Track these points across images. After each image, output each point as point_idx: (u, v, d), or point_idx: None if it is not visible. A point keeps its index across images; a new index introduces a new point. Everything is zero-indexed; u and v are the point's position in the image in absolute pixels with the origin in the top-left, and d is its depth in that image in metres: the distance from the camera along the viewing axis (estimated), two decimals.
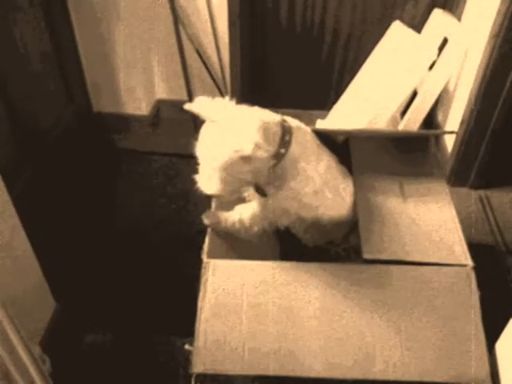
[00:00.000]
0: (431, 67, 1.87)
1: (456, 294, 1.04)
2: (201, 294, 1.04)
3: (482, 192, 1.92)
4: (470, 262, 1.07)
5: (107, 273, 1.61)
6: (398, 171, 1.27)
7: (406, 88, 1.90)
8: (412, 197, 1.22)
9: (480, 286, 1.04)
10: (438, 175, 1.27)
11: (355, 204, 1.20)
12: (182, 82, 2.13)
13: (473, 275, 1.05)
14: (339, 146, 1.33)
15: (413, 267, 1.06)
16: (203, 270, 1.06)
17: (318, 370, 0.95)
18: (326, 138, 1.24)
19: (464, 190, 1.92)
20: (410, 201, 1.21)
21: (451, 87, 2.01)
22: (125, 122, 2.18)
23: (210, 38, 2.02)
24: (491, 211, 1.84)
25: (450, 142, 1.98)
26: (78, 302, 1.50)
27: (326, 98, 2.20)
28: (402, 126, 1.99)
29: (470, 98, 1.78)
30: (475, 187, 1.93)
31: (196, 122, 2.12)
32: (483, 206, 1.86)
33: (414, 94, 1.97)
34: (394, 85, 1.91)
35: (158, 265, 1.63)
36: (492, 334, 1.07)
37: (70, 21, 1.95)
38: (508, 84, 1.65)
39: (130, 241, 1.73)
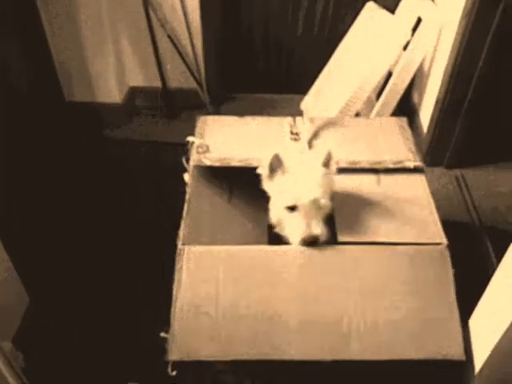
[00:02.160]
0: (405, 47, 1.87)
1: (430, 272, 1.04)
2: (175, 282, 1.02)
3: (457, 171, 1.93)
4: (444, 241, 1.08)
5: (83, 266, 1.59)
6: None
7: (380, 69, 1.90)
8: (387, 178, 1.22)
9: (456, 263, 1.04)
10: (414, 156, 1.27)
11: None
12: (154, 68, 2.09)
13: (447, 253, 1.06)
14: None
15: (387, 247, 1.06)
16: (178, 257, 1.05)
17: (293, 353, 0.95)
18: None
19: (440, 170, 1.94)
20: (384, 183, 1.21)
21: (426, 67, 2.01)
22: (98, 110, 2.14)
23: (182, 22, 1.99)
24: (467, 190, 1.85)
25: (425, 122, 1.98)
26: (53, 297, 1.48)
27: (302, 81, 2.17)
28: (377, 107, 1.98)
29: (443, 78, 1.78)
30: (451, 167, 1.94)
31: (170, 108, 2.12)
32: (459, 185, 1.88)
33: (390, 75, 1.96)
34: (369, 66, 1.90)
35: (134, 255, 1.61)
36: (467, 310, 1.08)
37: (37, 11, 1.90)
38: (481, 63, 1.66)
39: (104, 232, 1.71)
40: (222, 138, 1.33)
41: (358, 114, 2.03)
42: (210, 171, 1.24)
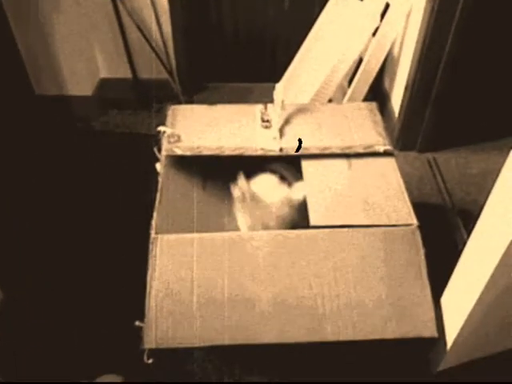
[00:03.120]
0: (375, 33, 1.88)
1: (402, 253, 1.06)
2: (149, 270, 1.02)
3: (429, 155, 1.96)
4: (414, 221, 1.10)
5: (57, 258, 1.57)
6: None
7: (350, 55, 1.91)
8: (357, 163, 1.23)
9: (428, 244, 1.06)
10: (384, 140, 1.28)
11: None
12: (125, 59, 2.07)
13: (418, 234, 1.08)
14: None
15: (359, 230, 1.08)
16: (151, 246, 1.05)
17: (270, 337, 0.96)
18: None
19: (412, 154, 1.96)
20: (355, 167, 1.22)
21: (395, 52, 2.03)
22: (69, 103, 2.11)
23: (150, 10, 1.96)
24: (439, 173, 1.88)
25: (396, 107, 2.00)
26: (26, 289, 1.46)
27: (273, 69, 2.18)
28: (349, 93, 2.00)
29: (412, 62, 1.80)
30: (423, 150, 1.97)
31: (140, 100, 2.09)
32: (431, 168, 1.91)
33: (361, 61, 1.98)
34: (339, 52, 1.91)
35: (108, 245, 1.60)
36: (440, 289, 1.11)
37: (1, 4, 1.85)
38: (448, 46, 1.68)
39: (78, 224, 1.69)
40: (193, 127, 1.32)
41: (330, 101, 2.05)
42: (182, 160, 1.24)
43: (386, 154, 1.25)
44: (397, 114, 1.99)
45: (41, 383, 1.22)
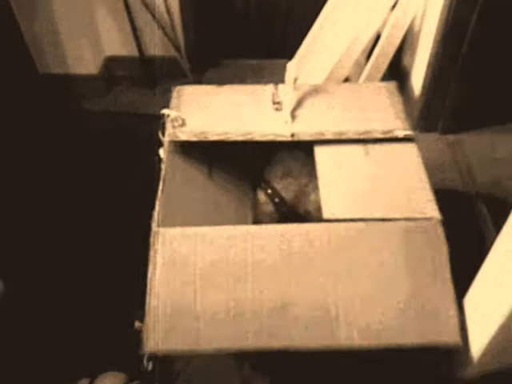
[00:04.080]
0: (394, 7, 1.75)
1: (423, 250, 0.97)
2: (150, 268, 0.95)
3: (452, 136, 1.85)
4: (437, 215, 1.01)
5: (55, 249, 1.51)
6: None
7: (368, 31, 1.79)
8: (375, 149, 1.14)
9: (451, 237, 0.98)
10: (404, 124, 1.18)
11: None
12: (131, 36, 1.97)
13: (441, 229, 0.99)
14: None
15: (376, 224, 0.99)
16: (152, 240, 0.98)
17: (278, 342, 0.89)
18: None
19: (433, 136, 1.85)
20: (372, 154, 1.13)
21: (416, 27, 1.90)
22: (74, 82, 2.03)
23: None
24: (462, 156, 1.77)
25: (417, 85, 1.89)
26: (25, 284, 1.42)
27: (285, 45, 2.06)
28: (367, 71, 1.88)
29: (435, 37, 1.68)
30: (445, 132, 1.86)
31: (149, 78, 2.00)
32: (454, 151, 1.80)
33: (379, 37, 1.85)
34: (356, 28, 1.79)
35: (109, 235, 1.53)
36: (463, 287, 1.02)
37: None
38: (473, 21, 1.55)
39: (79, 211, 1.63)
40: (199, 110, 1.23)
41: (347, 79, 1.94)
42: (187, 146, 1.16)
43: (406, 139, 1.16)
44: (417, 93, 1.87)
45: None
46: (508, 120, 1.83)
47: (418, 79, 1.88)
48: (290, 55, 2.00)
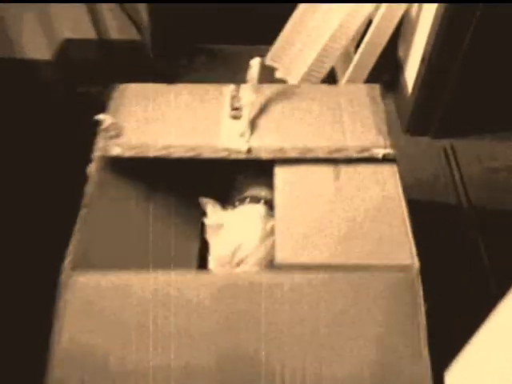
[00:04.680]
0: None
1: (396, 306, 0.79)
2: (57, 321, 0.77)
3: (446, 142, 1.65)
4: (415, 262, 0.82)
5: None
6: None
7: (358, 16, 1.57)
8: (348, 172, 0.94)
9: (434, 268, 0.82)
10: (384, 140, 0.98)
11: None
12: (87, 17, 1.74)
13: (418, 280, 0.80)
14: None
15: (341, 272, 0.80)
16: (61, 288, 0.79)
17: None
18: None
19: (425, 140, 1.65)
20: (344, 179, 0.93)
21: (413, 14, 1.67)
22: (28, 67, 1.81)
23: None
24: (456, 165, 1.58)
25: (410, 80, 1.68)
26: None
27: (266, 31, 1.83)
28: (355, 62, 1.67)
29: (432, 27, 1.46)
30: (439, 136, 1.65)
31: (108, 64, 1.78)
32: (447, 159, 1.60)
33: (370, 24, 1.63)
34: (344, 12, 1.58)
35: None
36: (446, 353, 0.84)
37: None
38: (477, 11, 1.34)
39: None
40: (143, 116, 1.03)
41: (333, 70, 1.73)
42: (122, 162, 0.96)
43: (386, 159, 0.96)
44: (410, 90, 1.66)
45: None
46: (508, 126, 1.63)
47: (411, 74, 1.66)
48: (269, 41, 1.78)
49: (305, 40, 1.71)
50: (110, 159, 0.95)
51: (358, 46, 1.70)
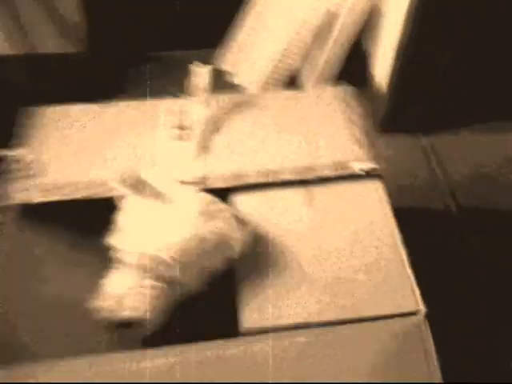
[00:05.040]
0: None
1: (401, 361, 0.62)
2: None
3: (425, 139, 1.49)
4: (421, 307, 0.65)
5: None
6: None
7: (319, 8, 1.41)
8: (322, 195, 0.77)
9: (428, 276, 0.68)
10: (364, 152, 0.81)
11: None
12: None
13: (426, 329, 0.63)
14: None
15: (328, 330, 0.63)
16: None
17: None
18: None
19: (403, 139, 1.49)
20: (319, 204, 0.76)
21: (381, 4, 1.51)
22: None
23: None
24: (438, 163, 1.42)
25: (383, 75, 1.51)
26: None
27: (215, 31, 1.64)
28: (322, 60, 1.50)
29: (407, 14, 1.30)
30: (416, 133, 1.50)
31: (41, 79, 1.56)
32: (427, 158, 1.45)
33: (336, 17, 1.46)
34: (306, 8, 1.41)
35: None
36: None
37: None
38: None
39: None
40: (63, 146, 0.83)
41: (297, 71, 1.56)
42: (34, 209, 0.75)
43: (368, 175, 0.79)
44: (383, 86, 1.50)
45: None
46: (493, 117, 1.48)
47: (382, 69, 1.50)
48: (218, 44, 1.59)
49: (263, 40, 1.54)
50: (19, 205, 0.75)
51: (321, 43, 1.53)
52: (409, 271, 0.68)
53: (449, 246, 1.22)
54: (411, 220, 0.78)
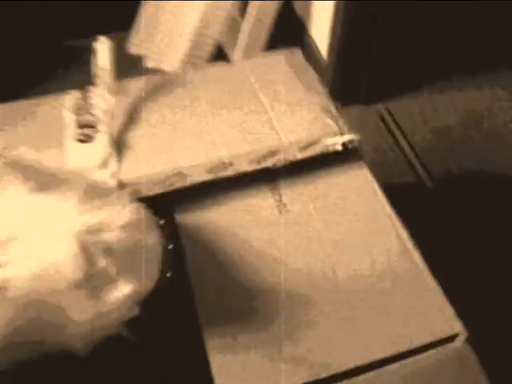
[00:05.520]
0: None
1: None
2: None
3: (380, 106, 1.32)
4: (458, 328, 0.46)
5: None
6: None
7: None
8: (297, 195, 0.56)
9: None
10: (335, 122, 0.62)
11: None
12: None
13: (469, 352, 0.45)
14: None
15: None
16: None
17: None
18: None
19: (355, 108, 1.31)
20: (292, 206, 0.55)
21: None
22: None
23: None
24: (400, 131, 1.26)
25: (321, 41, 1.33)
26: None
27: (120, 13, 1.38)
28: (248, 27, 1.28)
29: None
30: (370, 101, 1.32)
31: None
32: (385, 125, 1.28)
33: None
34: None
35: None
36: None
37: None
38: None
39: None
40: None
41: (219, 48, 1.33)
42: None
43: (347, 152, 0.59)
44: (324, 55, 1.32)
45: None
46: (450, 76, 1.33)
47: (321, 33, 1.31)
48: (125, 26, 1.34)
49: (174, 14, 1.30)
50: None
51: (244, 9, 1.32)
52: (425, 268, 0.50)
53: (423, 213, 1.07)
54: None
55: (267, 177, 0.57)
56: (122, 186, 0.55)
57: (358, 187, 0.56)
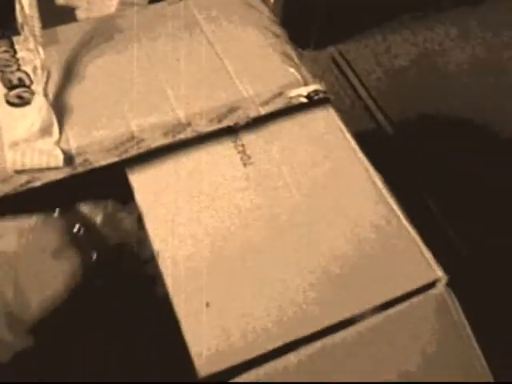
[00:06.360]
0: None
1: (428, 343, 0.43)
2: None
3: (333, 49, 1.27)
4: (439, 273, 0.45)
5: None
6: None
7: None
8: (260, 148, 0.52)
9: None
10: (298, 69, 0.57)
11: None
12: None
13: (451, 296, 0.44)
14: None
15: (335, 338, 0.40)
16: None
17: None
18: None
19: (307, 54, 1.26)
20: (257, 159, 0.51)
21: None
22: None
23: None
24: (354, 74, 1.23)
25: None
26: None
27: None
28: None
29: None
30: (322, 45, 1.27)
31: None
32: (340, 69, 1.24)
33: None
34: None
35: None
36: None
37: None
38: None
39: None
40: None
41: None
42: None
43: (313, 103, 0.55)
44: None
45: None
46: (395, 16, 1.30)
47: None
48: None
49: None
50: None
51: None
52: (401, 215, 0.48)
53: (385, 157, 1.06)
54: None
55: (229, 134, 0.52)
56: (68, 156, 0.49)
57: (326, 136, 0.53)
